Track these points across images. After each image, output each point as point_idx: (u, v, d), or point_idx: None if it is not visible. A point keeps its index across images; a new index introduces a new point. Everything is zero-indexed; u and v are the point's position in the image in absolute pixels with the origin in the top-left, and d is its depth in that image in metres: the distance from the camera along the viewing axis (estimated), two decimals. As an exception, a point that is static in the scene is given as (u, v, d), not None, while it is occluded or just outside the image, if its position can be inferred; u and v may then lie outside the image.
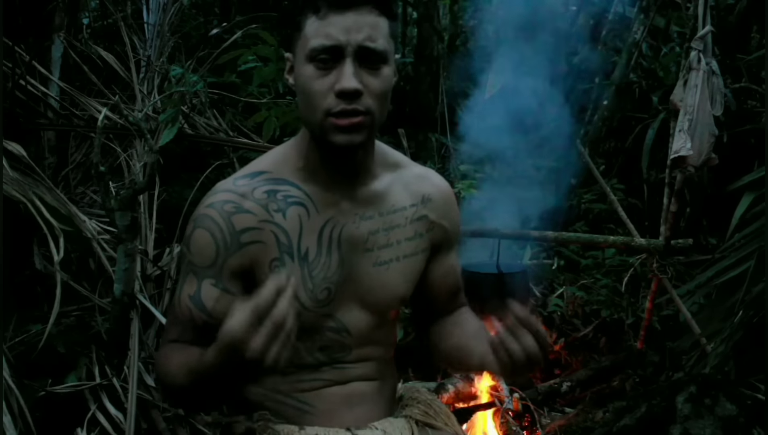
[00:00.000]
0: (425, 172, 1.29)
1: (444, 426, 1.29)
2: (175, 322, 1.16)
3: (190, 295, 1.12)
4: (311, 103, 1.06)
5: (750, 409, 2.05)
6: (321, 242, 1.14)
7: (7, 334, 2.03)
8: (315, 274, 1.13)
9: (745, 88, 4.18)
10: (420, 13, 5.77)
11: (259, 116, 2.80)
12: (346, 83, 1.02)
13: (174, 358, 1.12)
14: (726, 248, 2.82)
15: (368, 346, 1.21)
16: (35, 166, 2.31)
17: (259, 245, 1.11)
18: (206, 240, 1.11)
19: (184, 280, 1.14)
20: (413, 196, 1.23)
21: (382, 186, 1.20)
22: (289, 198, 1.13)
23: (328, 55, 1.03)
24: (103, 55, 3.19)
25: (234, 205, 1.11)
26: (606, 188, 3.57)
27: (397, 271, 1.20)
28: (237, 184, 1.14)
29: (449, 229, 1.28)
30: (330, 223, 1.15)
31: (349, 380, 1.21)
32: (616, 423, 2.22)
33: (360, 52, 1.03)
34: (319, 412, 1.18)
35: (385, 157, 1.23)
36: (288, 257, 1.12)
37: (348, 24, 1.02)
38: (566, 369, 3.12)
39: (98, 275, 2.39)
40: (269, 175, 1.15)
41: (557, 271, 4.01)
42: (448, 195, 1.30)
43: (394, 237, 1.20)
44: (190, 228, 1.13)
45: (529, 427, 2.65)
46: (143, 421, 2.08)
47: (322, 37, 1.03)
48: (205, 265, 1.11)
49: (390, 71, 1.08)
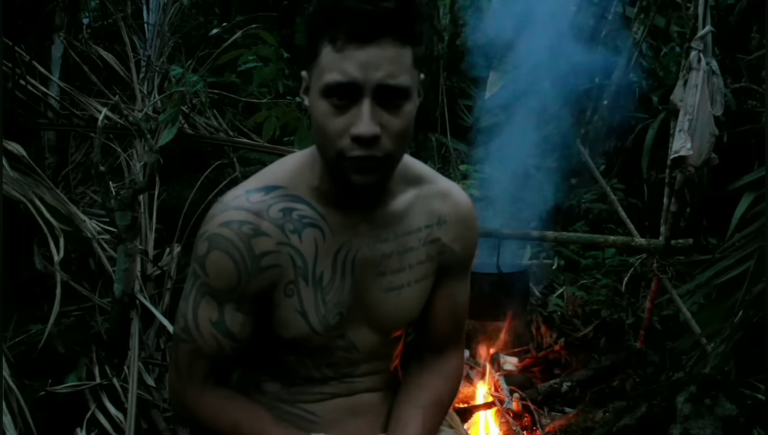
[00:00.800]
0: (449, 188, 1.20)
1: (447, 427, 1.28)
2: (198, 356, 1.09)
3: (212, 321, 1.08)
4: (325, 142, 0.99)
5: (750, 409, 2.05)
6: (335, 266, 1.10)
7: (7, 334, 2.03)
8: (328, 299, 1.10)
9: (745, 88, 4.17)
10: (420, 13, 5.76)
11: (259, 116, 2.80)
12: (363, 129, 0.94)
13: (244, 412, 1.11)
14: (726, 248, 2.82)
15: (375, 361, 1.20)
16: (35, 166, 2.31)
17: (278, 269, 1.08)
18: (226, 264, 1.05)
19: (198, 302, 1.08)
20: (430, 216, 1.17)
21: (400, 205, 1.13)
22: (305, 218, 1.08)
23: (343, 92, 0.95)
24: (103, 55, 3.19)
25: (252, 226, 1.05)
26: (606, 188, 3.58)
27: (408, 296, 1.16)
28: (251, 199, 1.07)
29: (459, 254, 1.20)
30: (345, 247, 1.10)
31: (355, 392, 1.19)
32: (616, 423, 2.22)
33: (379, 90, 0.95)
34: (325, 421, 1.17)
35: (407, 171, 1.15)
36: (303, 281, 1.09)
37: (366, 59, 0.93)
38: (566, 369, 3.11)
39: (98, 275, 2.39)
40: (284, 190, 1.08)
41: (557, 271, 4.01)
42: (466, 216, 1.21)
43: (407, 261, 1.15)
44: (203, 247, 1.06)
45: (529, 427, 2.65)
46: (143, 421, 2.08)
47: (338, 73, 0.94)
48: (225, 290, 1.06)
49: (412, 106, 1.00)
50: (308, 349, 1.13)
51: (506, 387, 2.72)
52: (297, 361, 1.15)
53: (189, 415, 1.14)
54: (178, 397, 1.15)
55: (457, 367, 1.27)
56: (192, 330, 1.08)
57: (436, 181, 1.20)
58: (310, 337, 1.10)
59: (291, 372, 1.16)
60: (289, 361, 1.15)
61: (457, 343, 1.28)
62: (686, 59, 2.70)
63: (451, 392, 1.25)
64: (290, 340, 1.11)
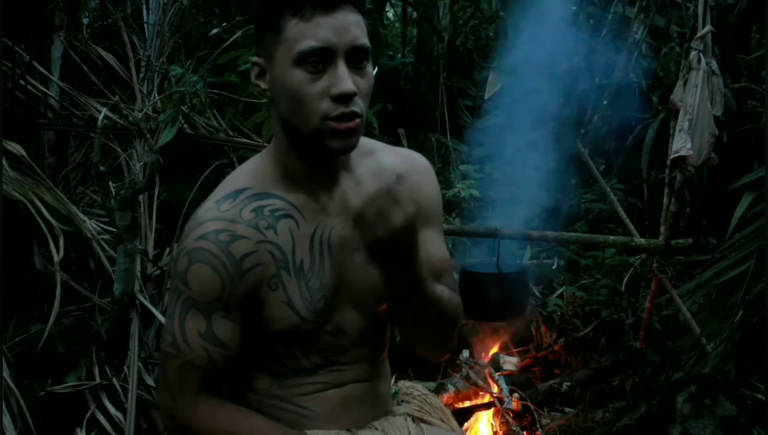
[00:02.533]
0: (399, 150, 1.27)
1: (439, 422, 1.29)
2: (189, 369, 1.09)
3: (200, 333, 1.08)
4: (304, 109, 1.03)
5: (750, 409, 2.05)
6: (313, 249, 1.13)
7: (7, 334, 2.04)
8: (311, 284, 1.12)
9: (745, 88, 4.17)
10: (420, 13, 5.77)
11: (259, 116, 2.80)
12: (345, 86, 1.00)
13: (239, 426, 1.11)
14: (726, 248, 2.82)
15: (363, 346, 1.20)
16: (35, 166, 2.32)
17: (260, 267, 1.09)
18: (208, 275, 1.06)
19: (183, 317, 1.09)
20: (388, 177, 1.15)
21: (361, 178, 1.17)
22: (276, 211, 1.11)
23: (318, 58, 1.00)
24: (103, 55, 3.19)
25: (228, 233, 1.07)
26: (606, 188, 3.57)
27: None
28: (221, 208, 1.09)
29: (422, 204, 1.20)
30: (319, 229, 1.13)
31: (346, 383, 1.20)
32: (616, 423, 2.22)
33: (350, 52, 1.02)
34: (318, 415, 1.18)
35: (360, 145, 1.18)
36: (285, 272, 1.11)
37: (337, 24, 1.00)
38: (566, 369, 3.11)
39: (98, 275, 2.39)
40: (251, 191, 1.11)
41: (557, 271, 4.01)
42: (423, 169, 1.26)
43: None
44: (183, 262, 1.07)
45: (529, 427, 2.65)
46: (143, 421, 2.08)
47: (312, 39, 1.00)
48: (210, 300, 1.08)
49: (371, 69, 1.07)
50: (297, 338, 1.14)
51: (506, 387, 2.72)
52: (286, 353, 1.15)
53: (180, 428, 1.13)
54: (169, 414, 1.14)
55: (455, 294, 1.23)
56: (181, 345, 1.09)
57: (386, 148, 1.26)
58: (298, 325, 1.11)
59: (280, 364, 1.17)
60: (278, 353, 1.15)
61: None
62: (686, 59, 2.70)
63: (457, 304, 1.21)
64: (279, 332, 1.12)
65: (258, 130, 3.04)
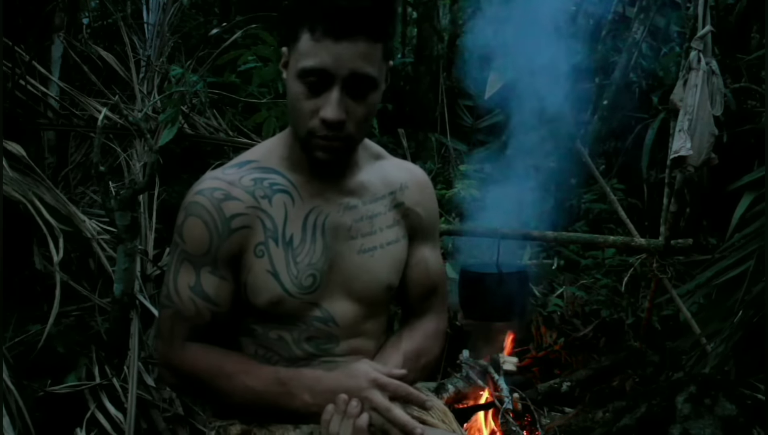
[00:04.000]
0: (403, 162, 1.34)
1: (441, 423, 1.29)
2: (178, 319, 1.15)
3: (189, 286, 1.14)
4: (297, 118, 1.10)
5: (750, 409, 2.05)
6: (305, 229, 1.16)
7: (6, 334, 2.03)
8: (299, 259, 1.15)
9: (745, 88, 4.18)
10: (420, 13, 5.77)
11: (259, 116, 2.80)
12: (330, 114, 1.05)
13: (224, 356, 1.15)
14: (726, 248, 2.82)
15: (357, 338, 1.22)
16: (35, 166, 2.31)
17: (247, 230, 1.14)
18: (199, 228, 1.13)
19: (178, 269, 1.15)
20: (392, 184, 1.27)
21: (365, 176, 1.23)
22: (275, 185, 1.16)
23: (316, 78, 1.05)
24: (103, 55, 3.19)
25: (223, 192, 1.13)
26: (606, 188, 3.57)
27: (381, 259, 1.22)
28: (225, 172, 1.17)
29: (423, 217, 1.30)
30: (315, 211, 1.17)
31: None
32: (616, 423, 2.22)
33: (349, 79, 1.04)
34: None
35: (369, 149, 1.27)
36: (273, 242, 1.15)
37: (340, 52, 1.03)
38: (566, 369, 3.11)
39: (98, 275, 2.39)
40: (257, 164, 1.18)
41: (557, 271, 4.01)
42: (424, 184, 1.32)
43: (377, 224, 1.22)
44: (181, 216, 1.15)
45: (529, 427, 2.65)
46: (143, 421, 2.08)
47: (312, 59, 1.04)
48: (200, 254, 1.13)
49: (377, 96, 1.10)
50: (284, 317, 1.17)
51: (506, 387, 2.71)
52: (277, 339, 1.18)
53: (174, 374, 1.18)
54: (163, 361, 1.20)
55: (437, 329, 1.33)
56: (173, 295, 1.15)
57: (391, 157, 1.33)
58: (283, 299, 1.15)
59: (274, 353, 1.18)
60: (270, 339, 1.18)
61: (437, 307, 1.35)
62: (686, 59, 2.70)
63: (430, 350, 1.30)
64: (265, 305, 1.15)
65: (258, 130, 3.04)
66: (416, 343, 1.27)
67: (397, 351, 1.24)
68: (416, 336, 1.29)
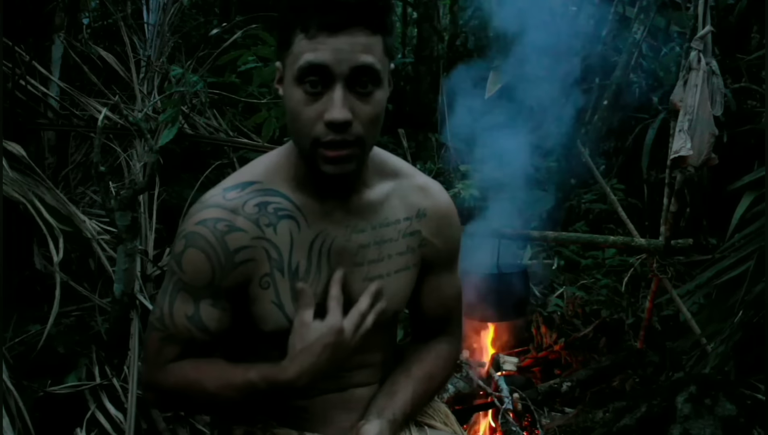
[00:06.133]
0: (427, 184, 1.23)
1: (443, 425, 1.29)
2: (169, 340, 1.11)
3: (187, 316, 1.10)
4: (299, 130, 1.01)
5: (750, 409, 2.05)
6: (311, 257, 1.11)
7: (6, 334, 2.03)
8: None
9: (745, 88, 4.18)
10: (420, 13, 5.78)
11: (259, 117, 2.81)
12: (335, 114, 0.97)
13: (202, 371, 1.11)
14: (726, 248, 2.82)
15: (365, 353, 1.18)
16: (35, 166, 2.31)
17: (252, 263, 1.09)
18: (201, 261, 1.07)
19: (174, 296, 1.10)
20: (409, 209, 1.19)
21: (376, 196, 1.15)
22: (280, 211, 1.10)
23: (316, 77, 0.98)
24: (103, 55, 3.19)
25: (226, 223, 1.07)
26: (606, 188, 3.57)
27: (387, 287, 1.15)
28: (227, 197, 1.10)
29: (442, 249, 1.22)
30: (320, 237, 1.12)
31: (348, 387, 1.19)
32: (616, 423, 2.22)
33: (351, 74, 0.98)
34: (317, 417, 1.18)
35: (384, 165, 1.19)
36: (278, 273, 1.10)
37: (339, 46, 0.96)
38: (566, 369, 3.11)
39: (98, 275, 2.39)
40: (259, 185, 1.11)
41: (557, 271, 4.01)
42: (447, 212, 1.23)
43: (385, 251, 1.16)
44: (180, 245, 1.09)
45: (529, 427, 2.65)
46: (143, 421, 2.08)
47: (310, 55, 0.97)
48: (200, 286, 1.09)
49: (382, 94, 1.03)
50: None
51: (506, 387, 2.71)
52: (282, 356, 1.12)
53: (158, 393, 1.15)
54: (146, 382, 1.16)
55: (450, 351, 1.30)
56: (167, 321, 1.11)
57: (414, 176, 1.22)
58: (289, 329, 1.10)
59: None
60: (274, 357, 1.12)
61: (451, 331, 1.31)
62: (686, 59, 2.70)
63: (442, 371, 1.28)
64: (271, 333, 1.12)
65: (258, 131, 3.04)
66: (429, 366, 1.25)
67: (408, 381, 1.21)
68: (428, 358, 1.26)
